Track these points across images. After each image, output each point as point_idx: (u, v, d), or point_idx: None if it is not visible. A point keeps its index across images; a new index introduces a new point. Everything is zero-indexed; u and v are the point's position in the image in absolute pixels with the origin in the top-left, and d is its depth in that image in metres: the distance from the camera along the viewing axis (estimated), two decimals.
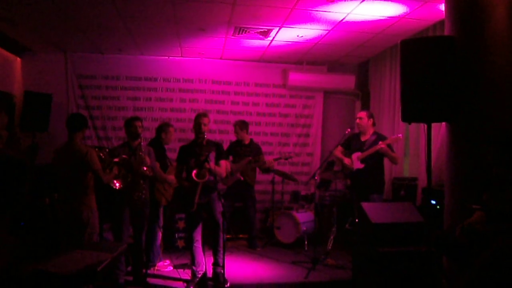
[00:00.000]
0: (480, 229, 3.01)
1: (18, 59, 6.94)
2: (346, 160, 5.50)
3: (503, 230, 2.77)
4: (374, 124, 5.52)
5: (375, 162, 5.33)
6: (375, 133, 5.47)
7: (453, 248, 3.23)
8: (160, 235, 5.33)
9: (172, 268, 5.24)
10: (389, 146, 5.26)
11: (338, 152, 5.69)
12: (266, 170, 6.47)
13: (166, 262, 5.34)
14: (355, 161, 5.41)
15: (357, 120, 5.50)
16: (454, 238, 3.15)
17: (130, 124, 4.75)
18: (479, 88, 3.53)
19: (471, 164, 3.56)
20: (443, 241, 3.42)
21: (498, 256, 2.42)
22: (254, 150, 6.38)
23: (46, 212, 5.20)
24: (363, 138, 5.47)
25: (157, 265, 5.23)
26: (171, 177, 5.23)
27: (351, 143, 5.59)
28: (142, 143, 4.69)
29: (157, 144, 5.37)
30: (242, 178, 6.14)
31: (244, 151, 6.29)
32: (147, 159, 4.65)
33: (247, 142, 6.39)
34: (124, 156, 4.46)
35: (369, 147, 5.31)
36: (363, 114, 5.52)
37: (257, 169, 6.51)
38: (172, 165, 5.69)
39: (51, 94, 6.38)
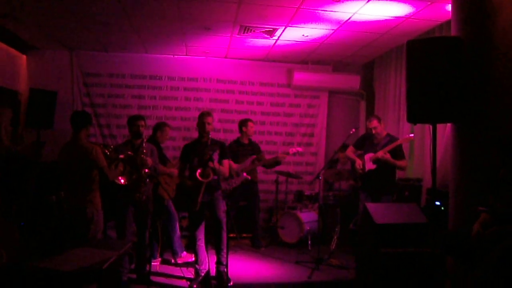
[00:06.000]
0: (485, 232, 3.00)
1: (24, 56, 6.97)
2: (357, 163, 5.47)
3: (509, 231, 2.75)
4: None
5: (387, 163, 5.31)
6: (388, 135, 5.49)
7: (464, 250, 3.20)
8: (177, 226, 5.47)
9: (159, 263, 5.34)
10: (399, 147, 5.26)
11: (350, 152, 5.68)
12: (275, 163, 6.42)
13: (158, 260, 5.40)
14: (367, 162, 5.39)
15: (373, 131, 5.43)
16: (466, 240, 3.12)
17: (132, 123, 4.76)
18: (485, 89, 3.52)
19: (477, 165, 3.55)
20: (451, 242, 3.41)
21: (506, 258, 2.41)
22: (255, 149, 6.39)
23: (52, 209, 5.22)
24: (376, 140, 5.48)
25: (182, 255, 5.43)
26: (173, 169, 5.28)
27: (364, 144, 5.58)
28: (144, 142, 4.68)
29: (153, 142, 5.40)
30: (249, 177, 6.11)
31: (246, 151, 6.28)
32: (149, 160, 4.65)
33: (247, 141, 6.39)
34: (129, 152, 4.47)
35: (382, 148, 5.30)
36: (375, 123, 5.42)
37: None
38: (171, 162, 5.72)
39: (56, 91, 6.39)
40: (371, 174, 5.36)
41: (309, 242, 6.20)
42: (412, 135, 5.45)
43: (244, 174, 6.04)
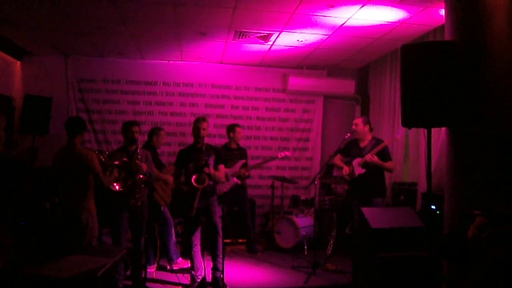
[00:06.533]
0: (481, 235, 3.00)
1: (18, 62, 6.93)
2: (345, 170, 5.49)
3: (506, 234, 2.75)
4: (371, 130, 5.53)
5: (375, 166, 5.33)
6: (373, 138, 5.49)
7: (460, 252, 3.20)
8: (173, 232, 5.46)
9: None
10: (385, 148, 5.27)
11: (338, 160, 5.69)
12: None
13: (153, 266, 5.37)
14: (356, 167, 5.40)
15: (353, 127, 5.50)
16: (462, 243, 3.12)
17: (127, 129, 4.74)
18: (480, 93, 3.53)
19: (471, 169, 3.56)
20: (447, 245, 3.40)
21: (501, 259, 2.41)
22: (243, 153, 6.40)
23: (47, 216, 5.19)
24: (362, 144, 5.48)
25: (177, 261, 5.41)
26: (168, 176, 5.28)
27: (350, 150, 5.59)
28: (139, 148, 4.66)
29: (149, 147, 5.39)
30: (240, 182, 6.12)
31: (234, 155, 6.29)
32: (144, 166, 4.63)
33: (235, 146, 6.39)
34: (124, 159, 4.46)
35: (369, 151, 5.31)
36: (358, 120, 5.53)
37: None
38: (166, 167, 5.71)
39: (51, 97, 6.38)
40: (360, 179, 5.37)
41: (305, 247, 6.19)
42: (399, 135, 5.48)
43: (234, 178, 6.04)
